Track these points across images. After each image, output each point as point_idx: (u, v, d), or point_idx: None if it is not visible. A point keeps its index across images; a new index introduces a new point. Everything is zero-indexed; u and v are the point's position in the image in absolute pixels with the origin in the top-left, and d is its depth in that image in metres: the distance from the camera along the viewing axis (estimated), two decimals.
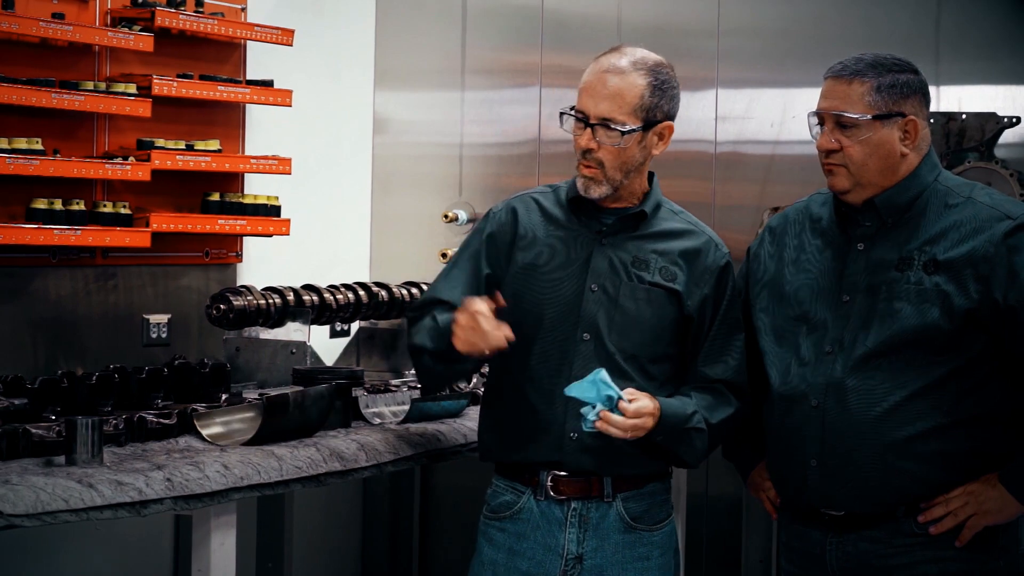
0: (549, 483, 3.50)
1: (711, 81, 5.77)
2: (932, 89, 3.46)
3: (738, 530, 5.64)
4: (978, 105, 5.18)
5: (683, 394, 3.52)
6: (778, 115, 5.68)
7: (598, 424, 3.31)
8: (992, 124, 5.02)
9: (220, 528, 3.54)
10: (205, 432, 3.76)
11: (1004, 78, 5.40)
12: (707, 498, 5.68)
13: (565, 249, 3.54)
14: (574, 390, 3.32)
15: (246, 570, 4.85)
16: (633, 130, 3.46)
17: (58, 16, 4.40)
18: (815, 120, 3.39)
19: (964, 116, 5.00)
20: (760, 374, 3.50)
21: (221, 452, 3.61)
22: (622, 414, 3.32)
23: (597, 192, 3.50)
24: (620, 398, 3.32)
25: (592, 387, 3.31)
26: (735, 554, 5.64)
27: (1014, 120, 5.02)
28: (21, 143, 4.26)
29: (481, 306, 3.33)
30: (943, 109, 5.22)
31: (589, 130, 3.47)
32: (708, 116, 5.79)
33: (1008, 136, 5.07)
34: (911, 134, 3.32)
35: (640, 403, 3.36)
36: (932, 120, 4.96)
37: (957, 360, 3.25)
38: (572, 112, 3.50)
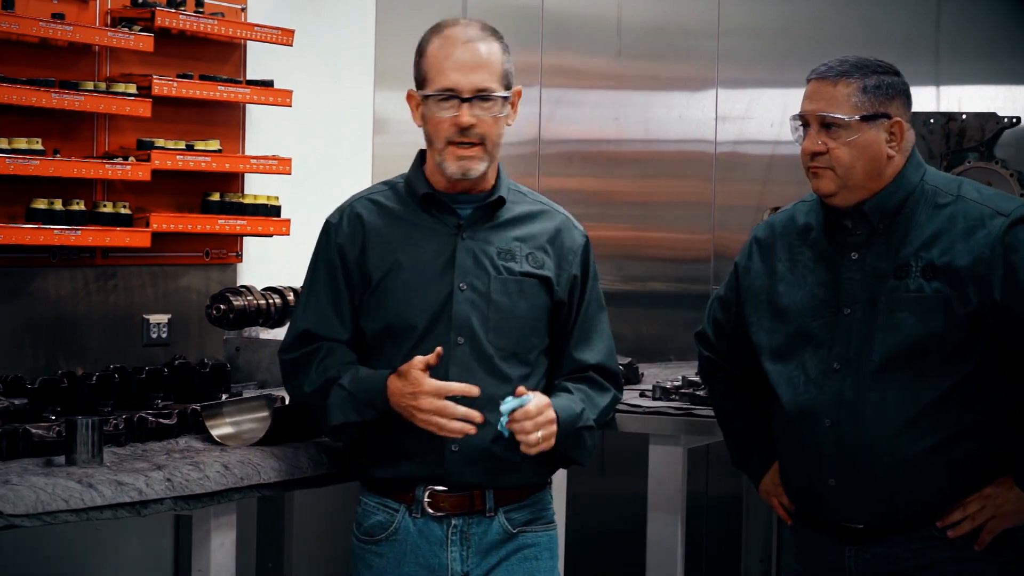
0: (426, 499, 3.28)
1: (711, 81, 5.77)
2: (932, 89, 3.47)
3: (738, 530, 5.64)
4: (978, 105, 5.19)
5: (561, 388, 3.35)
6: (778, 115, 5.68)
7: (515, 426, 3.15)
8: (992, 124, 5.01)
9: (220, 528, 3.54)
10: (215, 433, 3.75)
11: (1004, 78, 5.40)
12: (707, 498, 5.68)
13: (424, 249, 3.31)
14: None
15: (246, 570, 4.85)
16: (506, 97, 3.26)
17: (58, 16, 4.40)
18: (798, 123, 3.31)
19: (964, 116, 4.99)
20: (765, 385, 3.43)
21: (221, 452, 3.61)
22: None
23: (478, 169, 3.26)
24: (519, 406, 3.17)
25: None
26: (735, 554, 5.63)
27: (1014, 120, 5.02)
28: (21, 143, 4.26)
29: (435, 384, 3.17)
30: (943, 109, 5.22)
31: (465, 105, 3.22)
32: (708, 116, 5.79)
33: (1008, 136, 5.07)
34: (897, 136, 3.26)
35: (540, 401, 3.20)
36: (932, 120, 4.96)
37: (965, 367, 3.20)
38: (438, 93, 3.24)
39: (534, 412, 3.17)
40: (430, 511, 3.28)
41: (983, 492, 3.22)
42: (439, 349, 3.18)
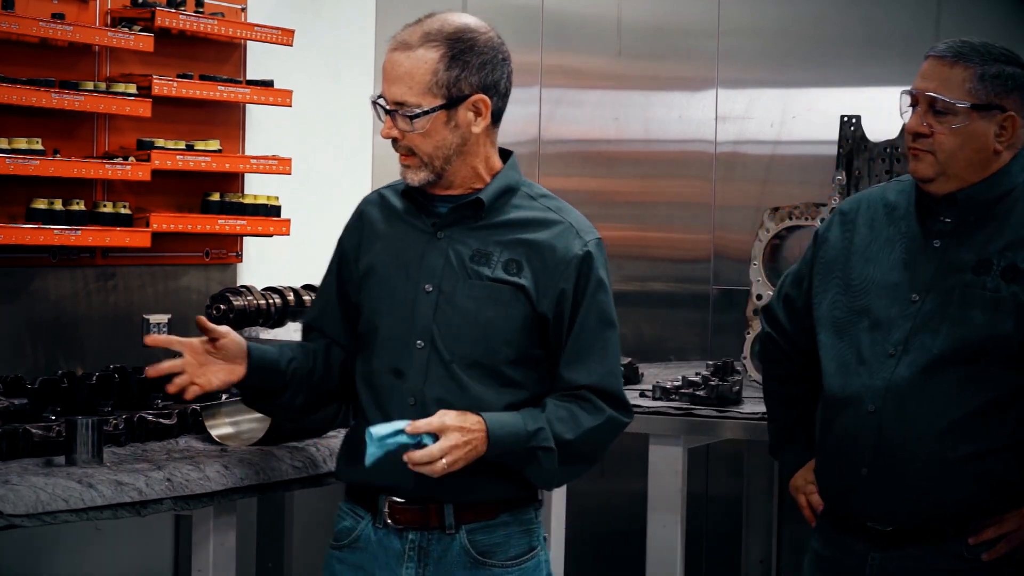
0: (386, 510, 3.11)
1: (711, 81, 5.77)
2: None
3: (738, 530, 5.64)
4: None
5: (540, 406, 3.09)
6: (778, 115, 5.67)
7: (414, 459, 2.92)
8: None
9: (220, 528, 3.54)
10: (215, 433, 3.76)
11: None
12: (707, 498, 5.68)
13: (401, 247, 3.16)
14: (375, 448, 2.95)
15: (246, 570, 4.85)
16: (428, 111, 3.03)
17: (58, 16, 4.40)
18: (907, 100, 3.12)
19: None
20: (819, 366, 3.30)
21: (221, 452, 3.61)
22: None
23: (417, 178, 3.09)
24: (409, 441, 2.93)
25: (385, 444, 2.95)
26: (735, 554, 5.64)
27: None
28: (21, 143, 4.26)
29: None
30: None
31: (388, 117, 3.08)
32: (708, 116, 5.79)
33: None
34: (1008, 131, 3.08)
35: (440, 420, 2.96)
36: None
37: (1022, 377, 3.06)
38: (377, 99, 3.11)
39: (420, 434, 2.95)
40: (389, 522, 3.11)
41: (1022, 510, 3.07)
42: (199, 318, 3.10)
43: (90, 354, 4.63)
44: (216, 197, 4.95)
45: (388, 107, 3.06)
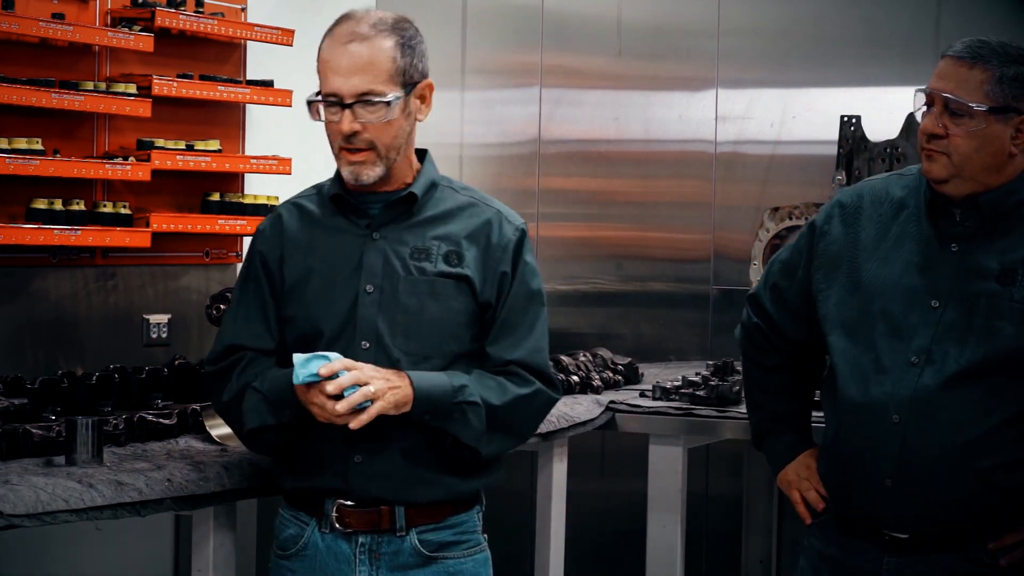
0: (334, 514, 3.11)
1: (711, 81, 5.77)
2: None
3: (738, 530, 5.64)
4: None
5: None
6: (778, 115, 5.68)
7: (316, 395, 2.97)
8: None
9: (220, 528, 3.54)
10: (215, 433, 3.75)
11: None
12: (707, 498, 5.68)
13: (334, 253, 3.14)
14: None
15: (246, 570, 4.85)
16: (397, 97, 3.07)
17: (58, 16, 4.40)
18: (922, 99, 3.07)
19: None
20: (817, 361, 3.31)
21: (221, 453, 3.61)
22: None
23: (371, 175, 3.09)
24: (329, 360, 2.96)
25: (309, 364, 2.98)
26: (735, 554, 5.64)
27: None
28: (21, 143, 4.26)
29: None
30: None
31: (347, 111, 3.06)
32: (708, 116, 5.79)
33: None
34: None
35: (359, 368, 2.99)
36: None
37: None
38: (320, 98, 3.09)
39: (335, 368, 2.96)
40: (338, 526, 3.11)
41: None
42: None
43: (90, 354, 4.63)
44: (216, 197, 4.95)
45: (347, 101, 3.06)
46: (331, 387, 2.98)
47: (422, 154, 3.23)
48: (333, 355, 3.00)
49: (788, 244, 3.38)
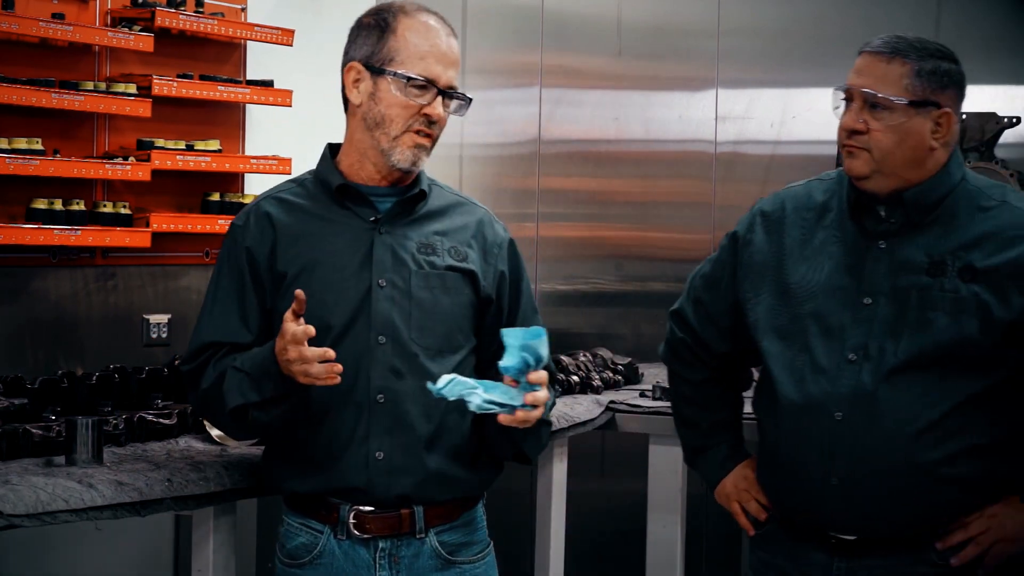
0: (351, 520, 3.06)
1: (711, 81, 5.78)
2: None
3: (738, 530, 5.63)
4: (978, 105, 5.18)
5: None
6: (778, 115, 5.68)
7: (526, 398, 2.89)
8: (992, 124, 5.01)
9: (220, 528, 3.54)
10: (215, 433, 3.75)
11: (1004, 78, 5.41)
12: (707, 498, 5.68)
13: (339, 244, 3.11)
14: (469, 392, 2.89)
15: (246, 570, 4.85)
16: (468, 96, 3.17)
17: (58, 16, 4.40)
18: (840, 96, 3.06)
19: (964, 116, 4.97)
20: (743, 371, 3.31)
21: (221, 453, 3.61)
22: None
23: (425, 160, 3.12)
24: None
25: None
26: (735, 554, 5.64)
27: (1014, 120, 5.01)
28: (21, 143, 4.26)
29: (294, 329, 2.90)
30: None
31: (441, 98, 3.10)
32: (708, 116, 5.79)
33: (1008, 136, 5.07)
34: (943, 128, 3.02)
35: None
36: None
37: (994, 377, 2.99)
38: (418, 78, 3.08)
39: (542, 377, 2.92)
40: (356, 532, 3.06)
41: (986, 512, 3.01)
42: (299, 293, 2.91)
43: (90, 354, 4.63)
44: (216, 197, 4.95)
45: (444, 88, 3.11)
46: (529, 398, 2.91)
47: None
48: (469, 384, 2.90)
49: (709, 257, 3.37)
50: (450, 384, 2.89)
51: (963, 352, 2.98)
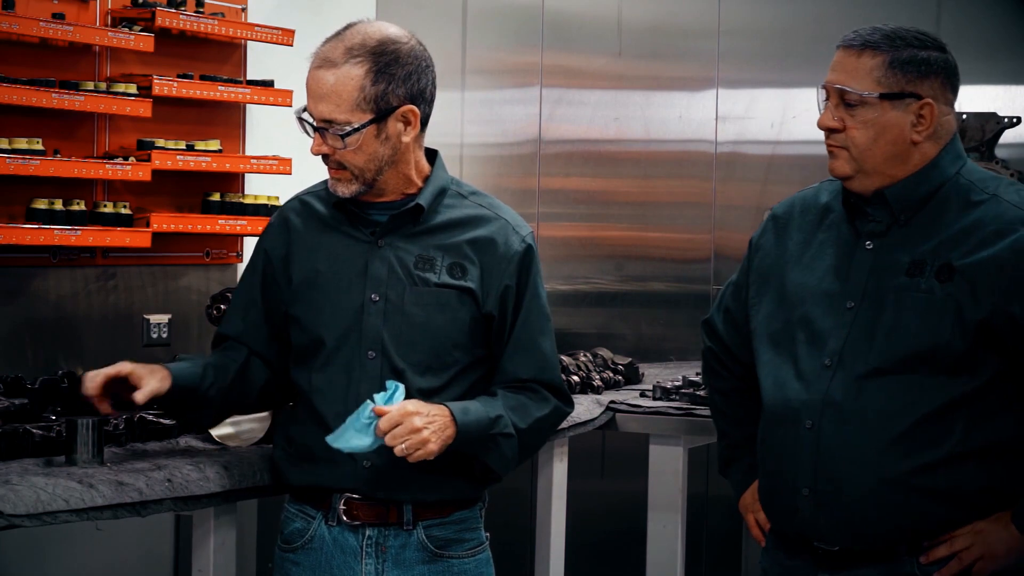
0: (342, 507, 3.12)
1: (711, 81, 5.78)
2: None
3: (738, 530, 5.64)
4: (978, 105, 5.18)
5: (489, 393, 3.14)
6: (778, 115, 5.68)
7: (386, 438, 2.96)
8: (992, 124, 5.01)
9: (220, 528, 3.54)
10: (215, 433, 3.75)
11: (1004, 78, 5.41)
12: (707, 498, 5.68)
13: (340, 257, 3.13)
14: (339, 441, 2.99)
15: (246, 570, 4.85)
16: (357, 128, 3.03)
17: (58, 16, 4.40)
18: (823, 95, 2.94)
19: (964, 116, 4.98)
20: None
21: (221, 453, 3.61)
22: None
23: (348, 191, 3.09)
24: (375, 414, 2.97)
25: (353, 431, 2.99)
26: (735, 554, 5.64)
27: (1014, 120, 5.01)
28: (21, 143, 4.26)
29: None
30: None
31: (317, 134, 3.07)
32: (708, 116, 5.79)
33: (1008, 136, 5.07)
34: (926, 120, 2.88)
35: (410, 405, 2.98)
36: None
37: (971, 383, 2.84)
38: (302, 115, 3.09)
39: (396, 418, 2.96)
40: (345, 519, 3.12)
41: (975, 527, 2.88)
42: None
43: (90, 354, 4.63)
44: (216, 197, 4.95)
45: (316, 124, 3.06)
46: (389, 439, 2.97)
47: (433, 154, 3.22)
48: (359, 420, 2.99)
49: (740, 266, 3.29)
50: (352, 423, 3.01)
51: (937, 356, 2.84)
